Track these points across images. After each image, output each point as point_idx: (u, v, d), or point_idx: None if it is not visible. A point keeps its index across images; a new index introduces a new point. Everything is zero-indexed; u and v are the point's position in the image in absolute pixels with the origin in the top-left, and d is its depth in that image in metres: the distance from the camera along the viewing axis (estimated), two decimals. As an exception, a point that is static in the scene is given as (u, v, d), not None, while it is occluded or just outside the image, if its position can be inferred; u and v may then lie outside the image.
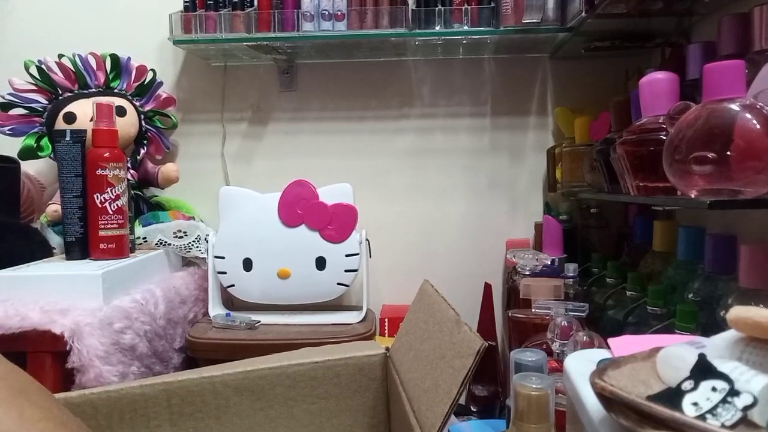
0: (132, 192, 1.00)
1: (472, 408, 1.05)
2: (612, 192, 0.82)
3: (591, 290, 0.90)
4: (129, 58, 1.13)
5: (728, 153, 0.51)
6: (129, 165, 1.09)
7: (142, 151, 1.13)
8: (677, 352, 0.30)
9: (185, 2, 1.06)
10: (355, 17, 1.03)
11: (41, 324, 0.72)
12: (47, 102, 1.08)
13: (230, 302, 1.10)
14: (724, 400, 0.25)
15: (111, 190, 0.89)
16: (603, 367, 0.30)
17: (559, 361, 0.64)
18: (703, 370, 0.27)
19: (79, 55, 1.09)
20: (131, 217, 0.95)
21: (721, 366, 0.27)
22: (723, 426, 0.24)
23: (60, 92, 1.08)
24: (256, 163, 1.23)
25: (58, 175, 0.90)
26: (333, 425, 0.62)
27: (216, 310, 1.04)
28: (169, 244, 1.03)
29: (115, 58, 1.11)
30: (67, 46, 1.11)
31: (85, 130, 0.91)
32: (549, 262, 0.95)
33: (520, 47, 1.12)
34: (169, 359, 0.91)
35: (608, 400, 0.28)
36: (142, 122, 1.13)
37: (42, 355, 0.73)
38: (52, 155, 1.05)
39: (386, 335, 1.06)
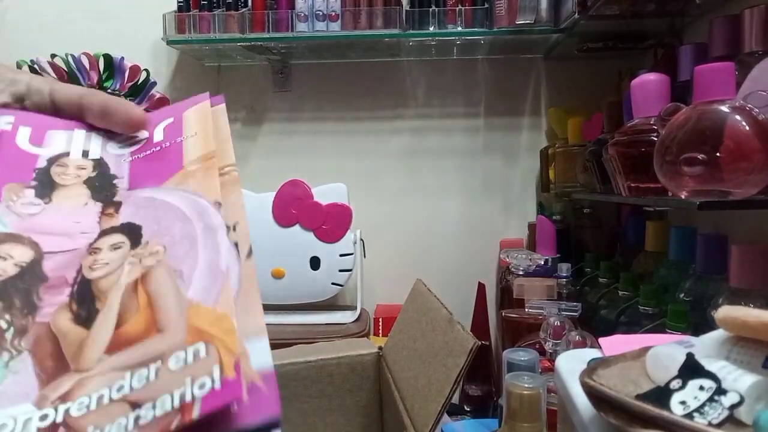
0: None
1: (465, 408, 1.05)
2: (604, 192, 0.82)
3: (584, 290, 0.91)
4: (122, 58, 1.12)
5: (718, 154, 0.51)
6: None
7: (136, 151, 1.13)
8: (666, 351, 0.30)
9: (179, 2, 1.06)
10: (349, 18, 1.03)
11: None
12: (40, 102, 1.07)
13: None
14: (711, 399, 0.26)
15: (104, 190, 0.88)
16: (593, 367, 0.31)
17: (552, 361, 0.65)
18: (691, 369, 0.28)
19: (72, 55, 1.09)
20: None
21: (709, 365, 0.28)
22: (710, 424, 0.24)
23: (53, 92, 1.08)
24: (251, 163, 1.23)
25: (51, 175, 0.90)
26: (326, 424, 0.62)
27: (210, 310, 1.04)
28: (163, 245, 1.03)
29: (108, 58, 1.11)
30: (60, 46, 1.10)
31: (78, 130, 0.90)
32: (542, 262, 0.96)
33: (513, 48, 1.12)
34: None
35: (598, 399, 0.28)
36: (136, 122, 1.12)
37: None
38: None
39: (380, 335, 1.06)
